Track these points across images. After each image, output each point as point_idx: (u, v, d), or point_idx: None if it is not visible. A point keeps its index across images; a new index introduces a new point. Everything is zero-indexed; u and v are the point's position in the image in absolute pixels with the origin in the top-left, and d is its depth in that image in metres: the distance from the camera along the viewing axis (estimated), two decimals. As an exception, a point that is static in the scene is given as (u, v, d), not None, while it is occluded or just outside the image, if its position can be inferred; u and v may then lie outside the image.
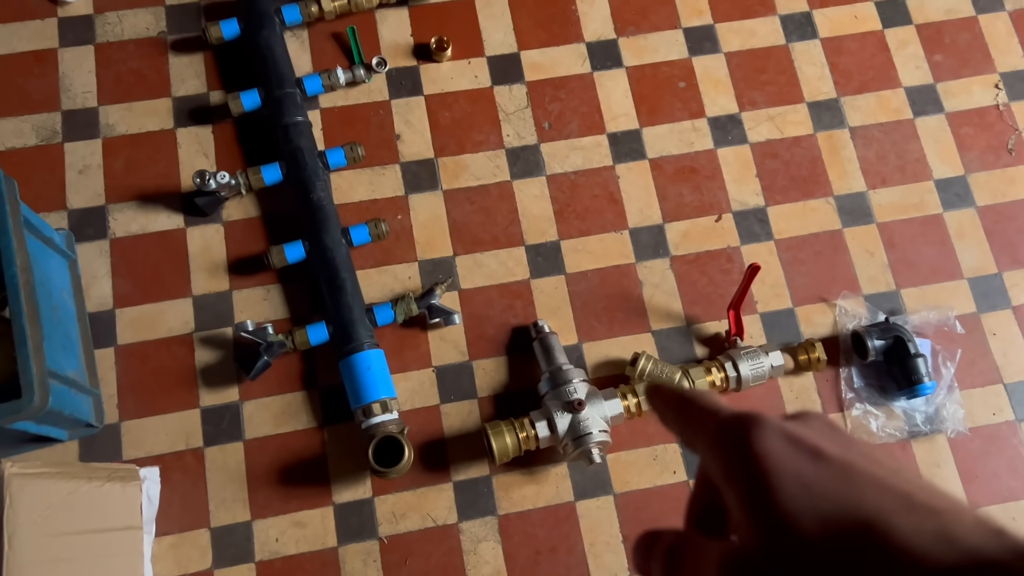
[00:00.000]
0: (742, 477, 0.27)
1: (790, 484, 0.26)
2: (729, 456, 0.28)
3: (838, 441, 0.28)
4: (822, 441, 0.28)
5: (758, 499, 0.26)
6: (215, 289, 1.18)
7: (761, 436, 0.27)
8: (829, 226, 1.25)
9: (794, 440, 0.27)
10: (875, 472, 0.26)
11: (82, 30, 1.28)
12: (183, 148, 1.24)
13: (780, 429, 0.28)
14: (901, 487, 0.25)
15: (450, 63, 1.31)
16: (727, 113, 1.30)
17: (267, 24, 1.23)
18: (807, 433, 0.28)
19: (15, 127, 1.23)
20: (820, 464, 0.26)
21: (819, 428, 0.29)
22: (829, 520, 0.25)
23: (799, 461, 0.27)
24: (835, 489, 0.26)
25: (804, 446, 0.27)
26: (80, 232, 1.19)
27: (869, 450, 0.28)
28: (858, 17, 1.36)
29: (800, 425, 0.29)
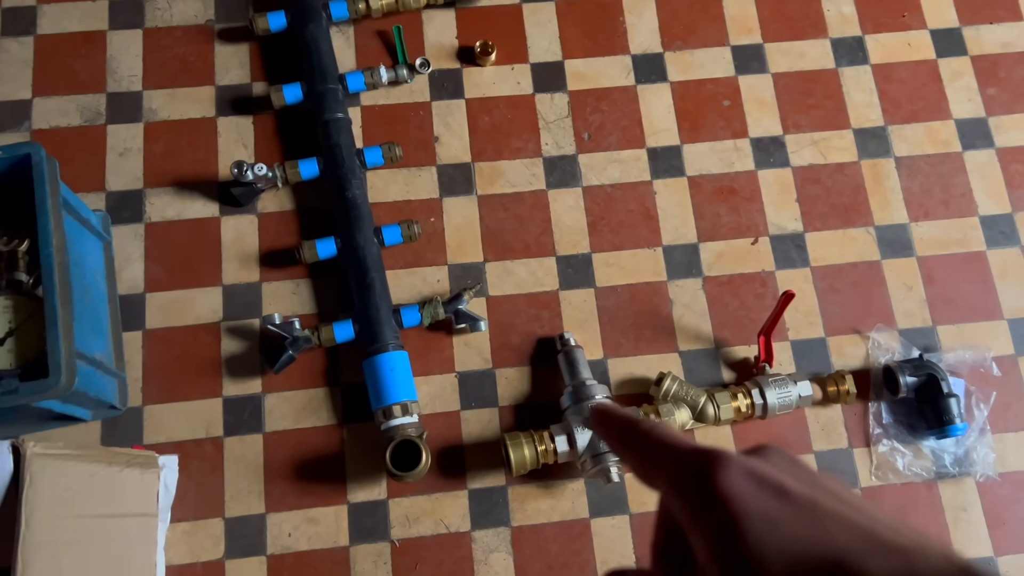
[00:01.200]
0: (708, 519, 0.26)
1: (758, 525, 0.25)
2: (693, 496, 0.27)
3: (802, 477, 0.28)
4: (786, 478, 0.27)
5: (726, 542, 0.25)
6: (245, 280, 1.18)
7: (725, 475, 0.27)
8: (868, 256, 1.23)
9: (759, 478, 0.27)
10: (840, 510, 0.26)
11: (132, 14, 1.29)
12: (223, 137, 1.24)
13: (744, 466, 0.27)
14: (867, 525, 0.25)
15: (493, 68, 1.30)
16: (770, 135, 1.28)
17: (314, 18, 1.24)
18: (771, 470, 0.27)
19: (60, 106, 1.24)
20: (786, 503, 0.26)
21: (782, 464, 0.28)
22: (799, 562, 0.24)
23: (765, 500, 0.26)
24: (803, 529, 0.25)
25: (769, 484, 0.26)
26: (116, 214, 1.20)
27: (832, 486, 0.28)
28: (911, 45, 1.33)
29: (762, 461, 0.28)
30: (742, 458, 0.28)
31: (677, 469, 0.28)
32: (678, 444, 0.29)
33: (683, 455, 0.28)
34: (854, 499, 0.27)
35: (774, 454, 0.29)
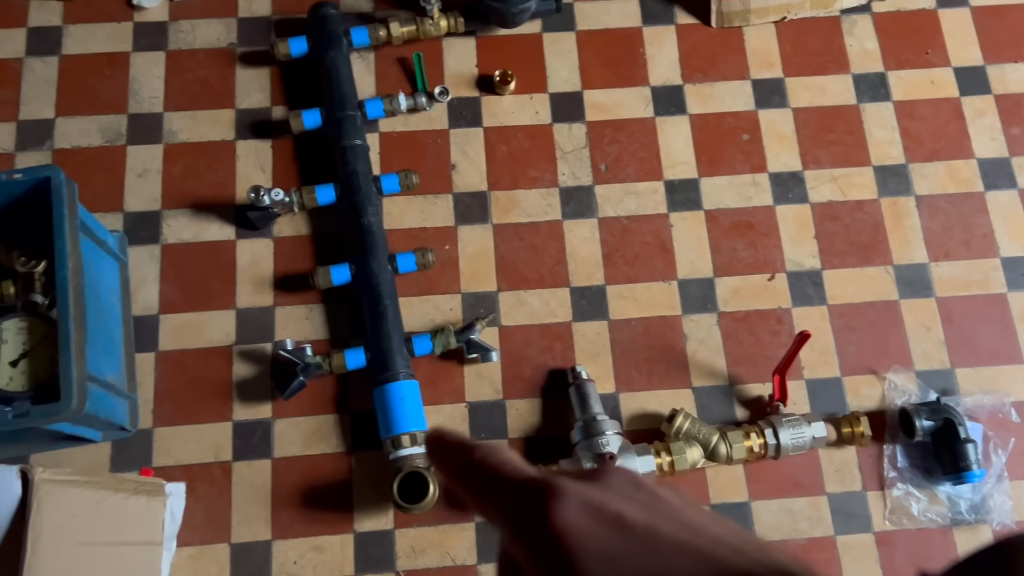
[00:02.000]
0: (543, 559, 0.25)
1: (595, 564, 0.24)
2: (527, 534, 0.26)
3: (641, 501, 0.27)
4: (625, 506, 0.26)
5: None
6: (259, 304, 1.18)
7: (559, 509, 0.25)
8: (886, 296, 1.21)
9: (595, 510, 0.25)
10: (680, 537, 0.25)
11: (156, 36, 1.30)
12: (241, 160, 1.25)
13: (579, 498, 0.26)
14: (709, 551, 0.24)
15: (512, 97, 1.30)
16: (789, 170, 1.27)
17: (335, 45, 1.24)
18: (608, 499, 0.26)
19: (82, 126, 1.25)
20: (624, 535, 0.25)
21: (620, 487, 0.27)
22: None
23: (602, 534, 0.25)
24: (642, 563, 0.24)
25: (606, 515, 0.25)
26: (133, 235, 1.20)
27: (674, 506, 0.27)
28: (935, 82, 1.32)
29: (600, 488, 0.27)
30: (578, 487, 0.26)
31: (510, 503, 0.27)
32: (512, 474, 0.28)
33: (516, 487, 0.27)
34: (697, 519, 0.26)
35: (613, 476, 0.28)
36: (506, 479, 0.28)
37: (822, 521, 1.11)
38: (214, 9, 1.32)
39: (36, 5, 1.30)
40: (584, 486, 0.26)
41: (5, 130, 1.24)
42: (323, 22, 1.25)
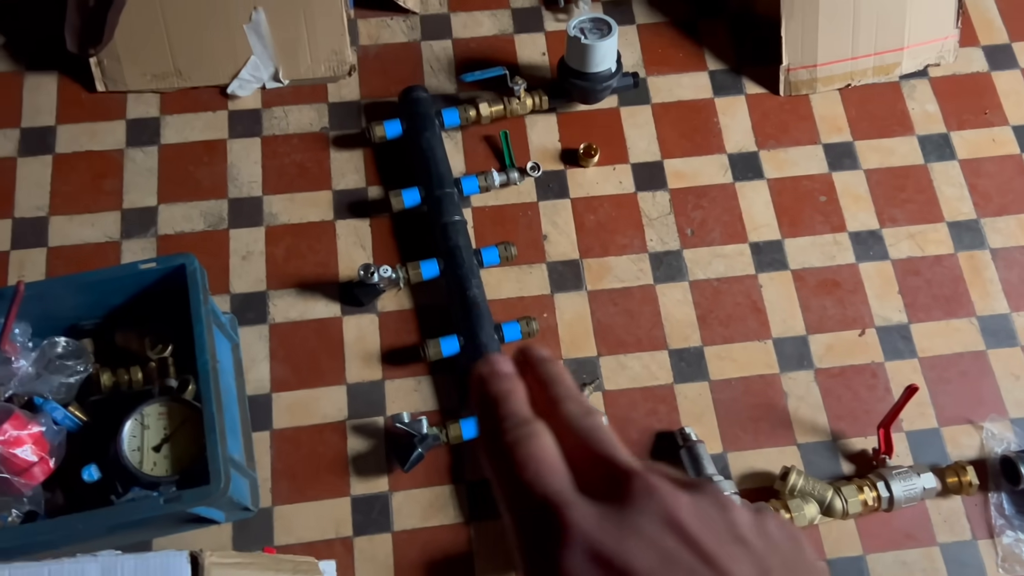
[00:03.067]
0: None
1: None
2: (532, 566, 0.24)
3: (661, 548, 0.23)
4: (637, 556, 0.23)
5: None
6: (368, 378, 1.21)
7: (566, 557, 0.23)
8: (973, 347, 1.25)
9: (603, 562, 0.23)
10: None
11: (250, 123, 1.35)
12: (342, 239, 1.28)
13: (588, 545, 0.23)
14: None
15: (595, 168, 1.35)
16: (868, 229, 1.32)
17: (429, 126, 1.29)
18: (620, 546, 0.23)
19: (185, 212, 1.29)
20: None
21: (643, 526, 0.24)
22: None
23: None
24: None
25: (612, 570, 0.23)
26: (241, 316, 1.23)
27: (703, 553, 0.23)
28: (996, 141, 1.38)
29: (616, 527, 0.24)
30: (592, 528, 0.24)
31: (522, 521, 0.25)
32: (533, 481, 0.25)
33: (531, 504, 0.24)
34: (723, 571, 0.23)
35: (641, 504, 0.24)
36: (526, 484, 0.25)
37: (937, 572, 1.13)
38: (305, 96, 1.37)
39: (134, 98, 1.35)
40: (598, 523, 0.24)
41: (111, 219, 1.27)
42: (416, 105, 1.30)
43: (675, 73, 1.42)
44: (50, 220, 1.27)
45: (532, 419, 0.27)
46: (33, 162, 1.30)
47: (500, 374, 0.28)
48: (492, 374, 0.28)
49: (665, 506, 0.24)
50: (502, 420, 0.27)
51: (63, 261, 1.24)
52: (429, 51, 1.42)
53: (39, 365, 1.02)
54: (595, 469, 0.26)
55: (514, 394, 0.28)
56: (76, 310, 1.07)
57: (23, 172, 1.30)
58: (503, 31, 1.44)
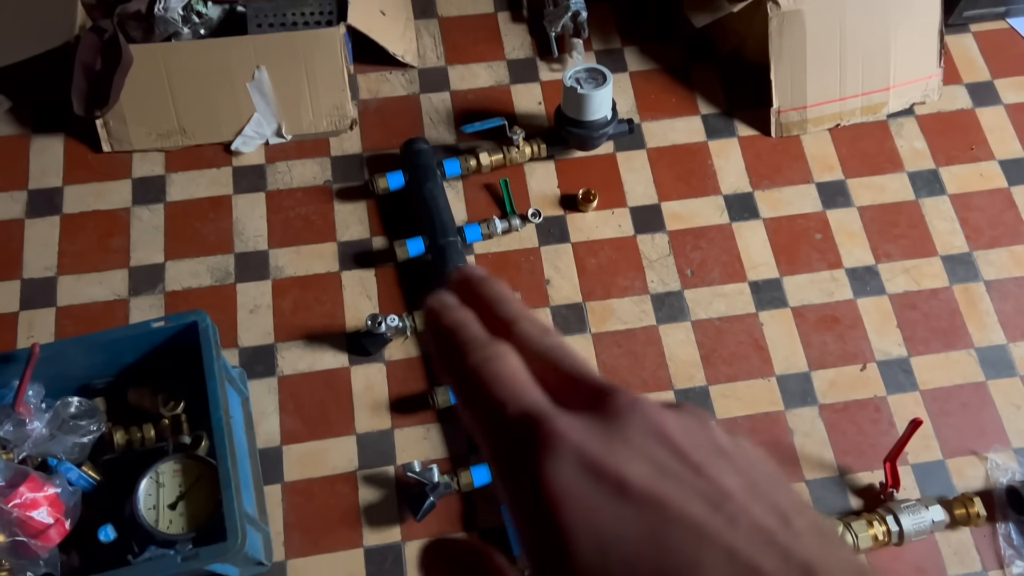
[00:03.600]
0: (529, 520, 0.22)
1: (585, 539, 0.20)
2: (514, 485, 0.22)
3: (651, 456, 0.22)
4: (631, 465, 0.21)
5: (547, 555, 0.21)
6: (378, 427, 1.22)
7: (553, 468, 0.21)
8: (972, 378, 1.27)
9: (594, 470, 0.21)
10: (693, 513, 0.21)
11: (254, 178, 1.37)
12: (347, 290, 1.30)
13: (577, 454, 0.21)
14: (723, 537, 0.20)
15: (595, 213, 1.38)
16: (864, 264, 1.34)
17: (431, 177, 1.32)
18: (612, 454, 0.22)
19: (192, 268, 1.30)
20: (624, 506, 0.21)
21: (630, 434, 0.22)
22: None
23: (598, 503, 0.21)
24: (640, 551, 0.20)
25: (606, 478, 0.21)
26: (250, 369, 1.24)
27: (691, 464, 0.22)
28: (983, 175, 1.42)
29: (607, 437, 0.22)
30: (578, 435, 0.22)
31: (497, 440, 0.23)
32: (506, 399, 0.23)
33: (510, 423, 0.22)
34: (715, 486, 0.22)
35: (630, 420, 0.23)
36: (498, 405, 0.23)
37: (950, 604, 1.14)
38: (308, 150, 1.40)
39: (139, 157, 1.37)
40: (585, 430, 0.22)
41: (118, 277, 1.29)
42: (417, 156, 1.33)
43: (668, 118, 1.46)
44: (58, 280, 1.28)
45: (494, 340, 0.24)
46: (41, 223, 1.32)
47: (453, 306, 0.26)
48: (444, 307, 0.26)
49: (651, 419, 0.23)
50: (463, 346, 0.24)
51: (72, 320, 1.25)
52: (428, 103, 1.45)
53: (53, 426, 1.03)
54: (569, 388, 0.24)
55: (471, 322, 0.25)
56: (89, 369, 1.08)
57: (31, 233, 1.31)
58: (499, 82, 1.47)
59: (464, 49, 1.50)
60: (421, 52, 1.49)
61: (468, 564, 0.25)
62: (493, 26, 1.52)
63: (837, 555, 0.21)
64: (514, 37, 1.51)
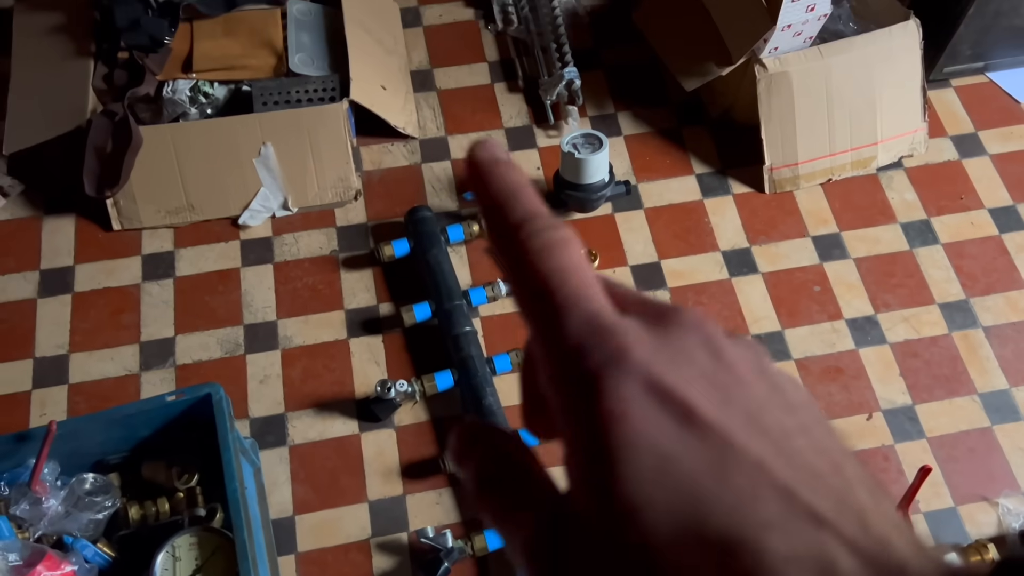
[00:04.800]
0: (583, 437, 0.21)
1: (644, 464, 0.20)
2: (570, 401, 0.21)
3: (717, 383, 0.21)
4: (699, 393, 0.20)
5: (598, 474, 0.20)
6: (389, 494, 1.22)
7: (618, 387, 0.20)
8: (978, 423, 1.28)
9: (662, 394, 0.20)
10: (755, 450, 0.20)
11: (262, 251, 1.40)
12: (356, 357, 1.32)
13: (646, 376, 0.20)
14: (782, 476, 0.20)
15: (596, 272, 1.40)
16: (863, 315, 1.37)
17: (435, 243, 1.35)
18: (679, 377, 0.21)
19: (202, 341, 1.32)
20: (688, 434, 0.20)
21: (696, 356, 0.21)
22: (682, 525, 0.19)
23: (662, 428, 0.20)
24: (700, 478, 0.19)
25: (673, 403, 0.20)
26: (261, 439, 1.25)
27: (755, 396, 0.21)
28: (974, 224, 1.45)
29: (672, 355, 0.21)
30: (646, 354, 0.21)
31: (559, 356, 0.21)
32: (568, 299, 0.21)
33: (571, 330, 0.21)
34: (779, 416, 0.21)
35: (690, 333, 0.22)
36: (561, 305, 0.21)
37: (972, 654, 1.13)
38: (314, 221, 1.43)
39: (149, 234, 1.40)
40: (654, 350, 0.21)
41: (129, 352, 1.31)
42: (421, 224, 1.36)
43: (664, 178, 1.50)
44: (70, 357, 1.30)
45: (556, 221, 0.22)
46: (53, 302, 1.34)
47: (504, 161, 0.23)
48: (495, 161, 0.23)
49: (718, 345, 0.22)
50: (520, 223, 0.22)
51: (84, 397, 1.27)
52: (430, 172, 1.49)
53: (68, 503, 1.03)
54: (628, 302, 0.23)
55: (526, 188, 0.23)
56: (104, 445, 1.09)
57: (43, 312, 1.33)
58: (498, 149, 1.51)
59: (463, 119, 1.54)
60: (421, 123, 1.54)
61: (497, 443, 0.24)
62: (490, 96, 1.57)
63: (883, 506, 0.20)
64: (511, 106, 1.56)
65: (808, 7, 1.31)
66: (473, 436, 0.24)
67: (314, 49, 1.47)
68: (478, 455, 0.24)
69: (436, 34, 1.64)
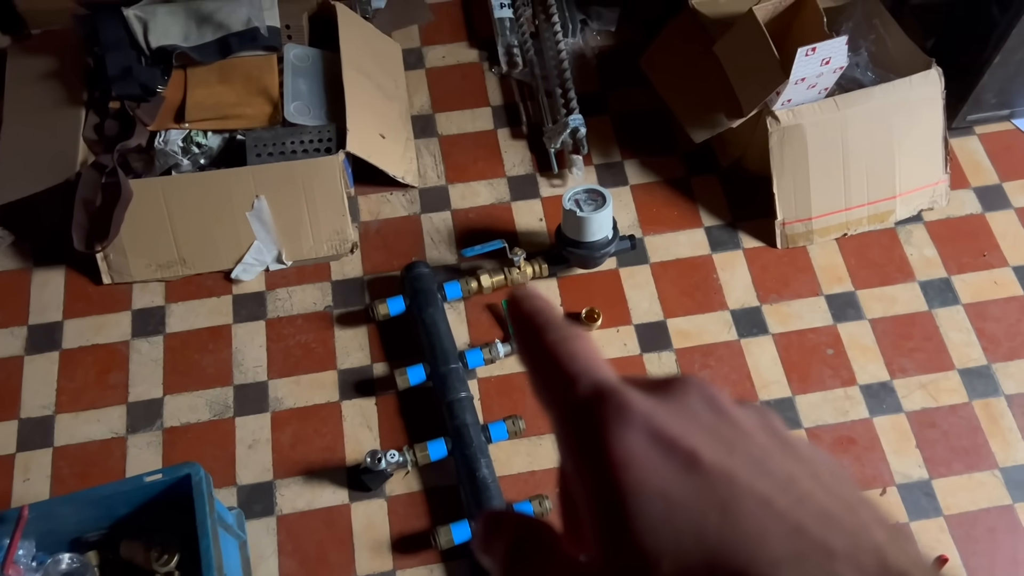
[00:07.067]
0: (593, 488, 0.22)
1: (652, 510, 0.20)
2: (580, 453, 0.22)
3: (721, 435, 0.22)
4: (701, 441, 0.22)
5: (610, 523, 0.21)
6: (379, 569, 1.17)
7: (622, 435, 0.21)
8: (999, 501, 1.22)
9: (665, 441, 0.21)
10: (761, 490, 0.21)
11: (254, 306, 1.36)
12: (348, 421, 1.27)
13: (647, 424, 0.22)
14: (792, 515, 0.20)
15: (599, 332, 1.35)
16: (878, 381, 1.30)
17: (431, 302, 1.30)
18: (682, 428, 0.22)
19: (190, 402, 1.28)
20: (693, 479, 0.21)
21: (699, 413, 0.23)
22: (694, 569, 0.20)
23: (667, 474, 0.21)
24: (707, 519, 0.20)
25: (677, 451, 0.21)
26: (248, 509, 1.21)
27: (758, 445, 0.22)
28: (998, 283, 1.38)
29: (674, 412, 0.22)
30: (648, 407, 0.22)
31: (568, 410, 0.23)
32: (579, 372, 0.23)
33: (580, 395, 0.23)
34: (784, 462, 0.22)
35: (690, 394, 0.23)
36: (572, 378, 0.23)
37: None
38: (308, 275, 1.39)
39: (139, 288, 1.37)
40: (656, 405, 0.22)
41: (116, 414, 1.27)
42: (418, 281, 1.32)
43: (671, 231, 1.44)
44: (56, 419, 1.27)
45: (572, 325, 0.26)
46: (40, 359, 1.31)
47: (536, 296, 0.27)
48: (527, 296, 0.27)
49: (719, 402, 0.23)
50: (542, 326, 0.25)
51: (68, 462, 1.23)
52: (429, 223, 1.44)
53: (42, 587, 1.00)
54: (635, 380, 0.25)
55: (551, 309, 0.26)
56: (81, 524, 1.05)
57: (30, 370, 1.30)
58: (500, 199, 1.47)
59: (464, 168, 1.50)
60: (422, 172, 1.49)
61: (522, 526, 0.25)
62: (493, 143, 1.52)
63: (903, 545, 0.20)
64: (514, 154, 1.51)
65: (823, 60, 1.25)
66: (498, 522, 0.26)
67: (311, 96, 1.43)
68: (507, 540, 0.25)
69: (439, 76, 1.60)
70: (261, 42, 1.41)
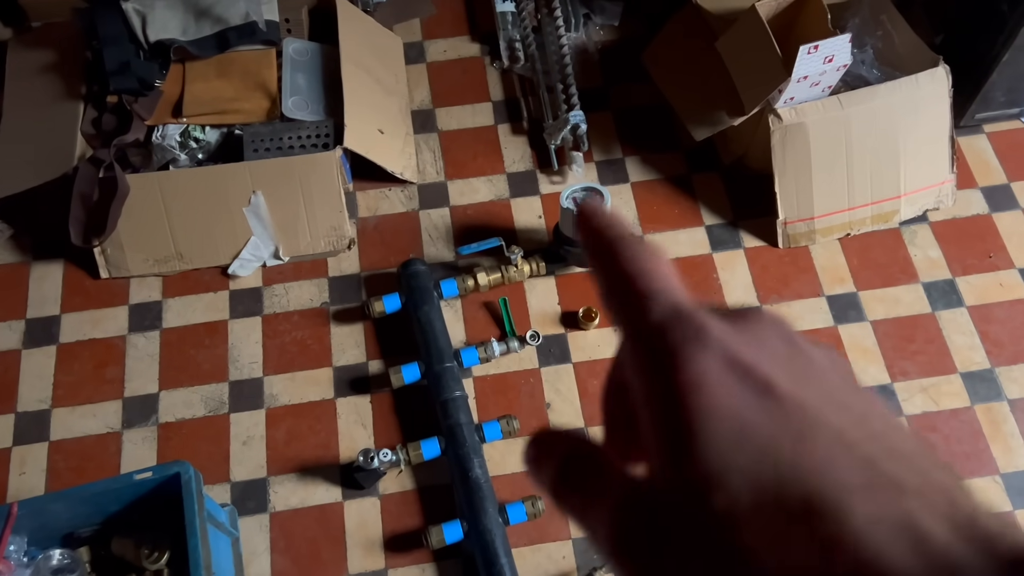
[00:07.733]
0: (662, 407, 0.21)
1: (723, 431, 0.20)
2: (652, 373, 0.22)
3: (795, 368, 0.22)
4: (776, 368, 0.21)
5: (677, 443, 0.21)
6: (371, 567, 1.17)
7: (698, 359, 0.21)
8: (999, 507, 1.20)
9: (741, 367, 0.21)
10: (835, 422, 0.21)
11: (251, 302, 1.36)
12: (342, 418, 1.27)
13: (724, 349, 0.21)
14: (864, 448, 0.20)
15: (596, 331, 1.34)
16: (879, 383, 1.29)
17: (427, 300, 1.29)
18: (758, 357, 0.22)
19: (186, 398, 1.28)
20: (767, 405, 0.21)
21: (774, 344, 0.22)
22: (764, 490, 0.19)
23: (741, 398, 0.21)
24: (780, 444, 0.20)
25: (752, 377, 0.21)
26: (241, 506, 1.21)
27: (831, 382, 0.22)
28: (1003, 285, 1.36)
29: (750, 340, 0.22)
30: (726, 335, 0.22)
31: (645, 332, 0.22)
32: (655, 292, 0.23)
33: (657, 318, 0.22)
34: (858, 401, 0.22)
35: (767, 327, 0.23)
36: (648, 297, 0.23)
37: None
38: (305, 271, 1.38)
39: (137, 282, 1.37)
40: (733, 333, 0.22)
41: (112, 409, 1.27)
42: (414, 278, 1.31)
43: (672, 229, 1.42)
44: (52, 413, 1.27)
45: (646, 241, 0.25)
46: (37, 353, 1.32)
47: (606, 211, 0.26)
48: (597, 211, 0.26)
49: (793, 337, 0.23)
50: (616, 240, 0.25)
51: (63, 456, 1.24)
52: (427, 219, 1.43)
53: (33, 582, 1.00)
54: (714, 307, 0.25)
55: (623, 223, 0.26)
56: (72, 520, 1.06)
57: (27, 364, 1.31)
58: (499, 196, 1.45)
59: (464, 163, 1.48)
60: (421, 167, 1.48)
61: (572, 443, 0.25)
62: (493, 139, 1.51)
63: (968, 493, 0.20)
64: (514, 150, 1.50)
65: (826, 58, 1.23)
66: (548, 442, 0.25)
67: (310, 91, 1.42)
68: (558, 459, 0.25)
69: (440, 71, 1.58)
70: (260, 36, 1.40)
